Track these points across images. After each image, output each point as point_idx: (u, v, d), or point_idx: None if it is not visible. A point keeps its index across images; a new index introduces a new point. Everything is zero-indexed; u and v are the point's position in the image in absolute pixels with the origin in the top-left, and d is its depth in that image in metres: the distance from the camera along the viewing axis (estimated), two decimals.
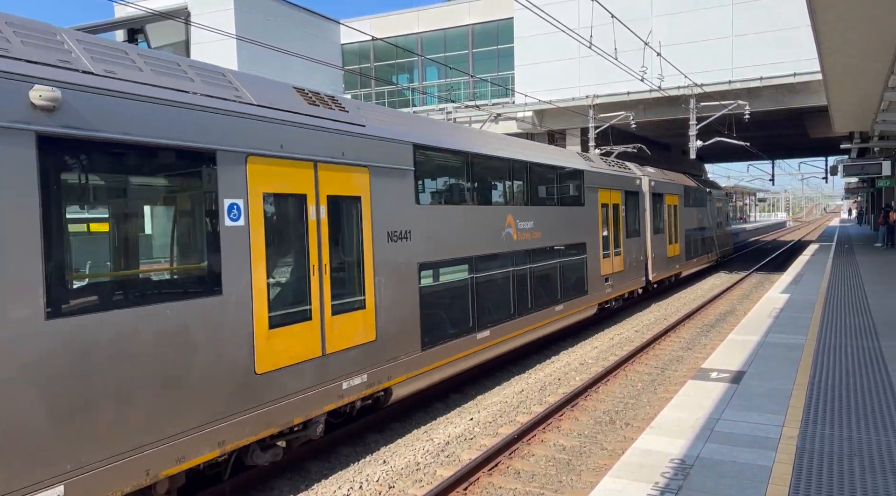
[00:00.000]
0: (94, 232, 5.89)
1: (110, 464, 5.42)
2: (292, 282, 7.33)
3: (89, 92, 5.36)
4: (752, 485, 4.75)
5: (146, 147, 5.80)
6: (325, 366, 7.65)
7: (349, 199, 8.18)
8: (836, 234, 44.17)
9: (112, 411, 5.44)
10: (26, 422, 4.92)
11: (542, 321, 13.25)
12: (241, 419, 6.57)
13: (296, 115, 7.45)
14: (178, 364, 5.99)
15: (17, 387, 4.87)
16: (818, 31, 11.49)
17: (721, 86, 26.11)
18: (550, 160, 14.20)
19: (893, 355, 8.52)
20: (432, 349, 9.68)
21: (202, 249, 6.33)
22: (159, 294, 5.94)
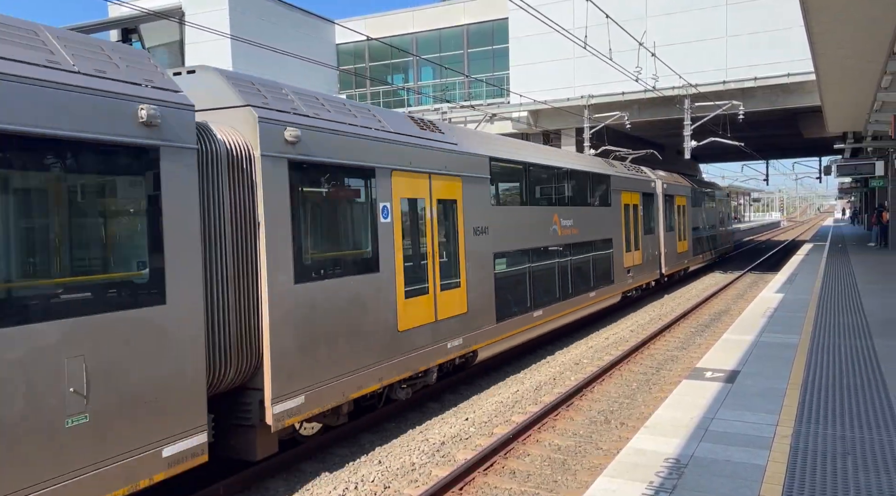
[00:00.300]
0: (314, 226, 7.95)
1: (324, 386, 7.75)
2: (417, 265, 9.66)
3: (310, 130, 7.71)
4: (747, 485, 4.77)
5: (339, 166, 8.16)
6: (437, 330, 10.01)
7: (449, 202, 10.55)
8: (830, 233, 44.35)
9: (326, 348, 7.79)
10: (285, 351, 7.19)
11: (580, 305, 15.50)
12: (391, 363, 8.91)
13: (415, 138, 9.79)
14: (357, 319, 8.31)
15: (280, 327, 7.16)
16: (811, 32, 11.53)
17: (715, 86, 26.19)
18: (585, 167, 16.59)
19: (887, 354, 8.56)
20: (503, 322, 11.94)
21: (368, 240, 8.66)
22: (346, 270, 8.27)
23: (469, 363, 11.32)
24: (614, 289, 17.90)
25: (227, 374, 6.82)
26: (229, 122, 7.17)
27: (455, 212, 10.63)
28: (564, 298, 14.61)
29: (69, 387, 5.09)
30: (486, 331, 11.29)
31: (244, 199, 6.98)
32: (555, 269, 14.20)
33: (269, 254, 7.07)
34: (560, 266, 14.49)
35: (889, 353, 8.60)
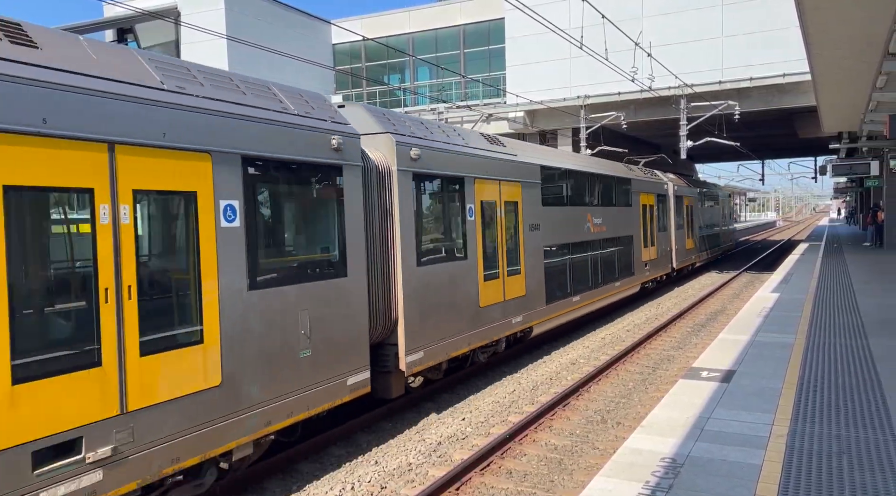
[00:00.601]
0: (427, 223, 10.23)
1: (434, 345, 10.02)
2: (491, 254, 11.82)
3: (424, 149, 9.99)
4: (743, 484, 4.78)
5: (443, 176, 10.51)
6: (506, 308, 12.23)
7: (512, 203, 12.67)
8: (826, 233, 44.48)
9: (435, 317, 10.06)
10: (411, 317, 9.51)
11: (607, 293, 17.66)
12: (475, 332, 11.18)
13: (488, 151, 12.09)
14: (454, 296, 10.57)
15: (409, 298, 9.41)
16: (807, 32, 11.57)
17: (711, 86, 26.24)
18: (612, 172, 18.80)
19: (882, 354, 8.59)
20: (551, 305, 14.11)
21: (460, 233, 11.00)
22: (447, 257, 10.56)
23: (526, 337, 13.61)
24: (635, 280, 20.06)
25: (377, 331, 9.15)
26: (373, 144, 9.42)
27: (516, 211, 12.87)
28: (595, 287, 16.78)
29: (301, 330, 7.43)
30: (539, 311, 13.60)
31: (385, 202, 9.26)
32: (588, 261, 16.37)
33: (402, 243, 9.40)
34: (592, 258, 16.64)
35: (884, 353, 8.63)
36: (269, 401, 6.95)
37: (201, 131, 6.32)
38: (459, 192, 10.97)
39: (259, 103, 7.11)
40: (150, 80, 6.11)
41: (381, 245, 9.16)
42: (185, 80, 6.49)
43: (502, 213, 12.27)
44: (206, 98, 6.52)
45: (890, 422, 5.99)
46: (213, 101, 6.56)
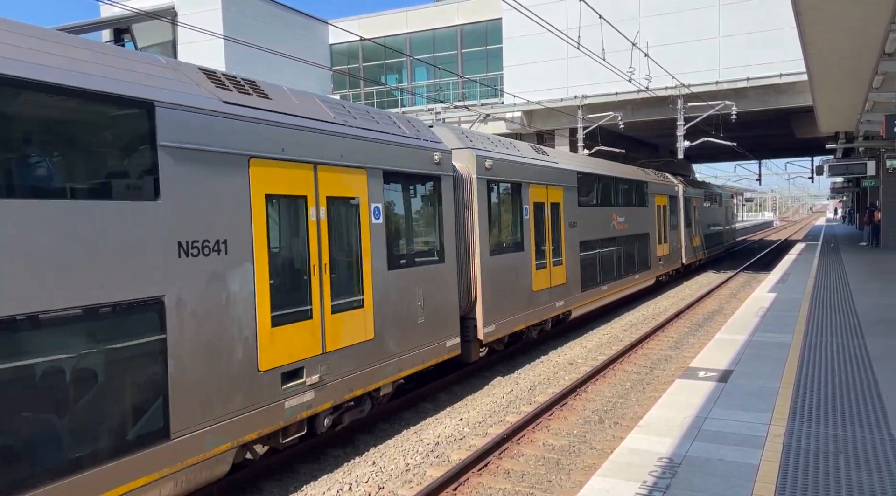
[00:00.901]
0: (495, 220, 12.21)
1: (502, 321, 12.09)
2: (540, 247, 13.97)
3: (495, 160, 12.02)
4: (740, 484, 4.78)
5: (507, 182, 12.58)
6: (551, 293, 14.37)
7: (555, 204, 14.72)
8: (822, 233, 44.56)
9: (502, 298, 12.09)
10: (486, 297, 11.52)
11: (628, 284, 19.73)
12: (529, 312, 13.29)
13: (537, 160, 14.21)
14: (513, 281, 12.60)
15: (484, 281, 11.50)
16: (804, 32, 11.60)
17: (708, 86, 26.28)
18: (632, 176, 20.86)
19: (878, 353, 8.61)
20: (585, 292, 16.17)
21: (518, 229, 13.02)
22: (509, 249, 12.58)
23: (565, 319, 15.62)
24: (651, 273, 22.17)
25: (462, 306, 11.21)
26: (457, 157, 11.41)
27: (559, 211, 14.88)
28: (619, 278, 18.81)
29: (418, 302, 9.65)
30: (575, 297, 15.69)
31: (467, 204, 11.30)
32: (613, 255, 18.40)
33: (479, 237, 11.49)
34: (616, 253, 18.68)
35: (881, 352, 8.64)
36: (401, 354, 9.25)
37: (359, 153, 8.48)
38: (518, 196, 13.10)
39: (388, 129, 9.31)
40: (327, 117, 8.20)
41: (464, 238, 11.28)
42: (344, 115, 8.58)
43: (549, 212, 14.41)
44: (359, 128, 8.64)
45: (886, 421, 6.00)
46: (364, 130, 8.71)
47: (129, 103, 5.64)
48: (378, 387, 8.79)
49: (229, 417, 6.45)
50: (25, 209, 4.82)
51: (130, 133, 5.76)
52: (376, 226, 8.80)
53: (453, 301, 10.58)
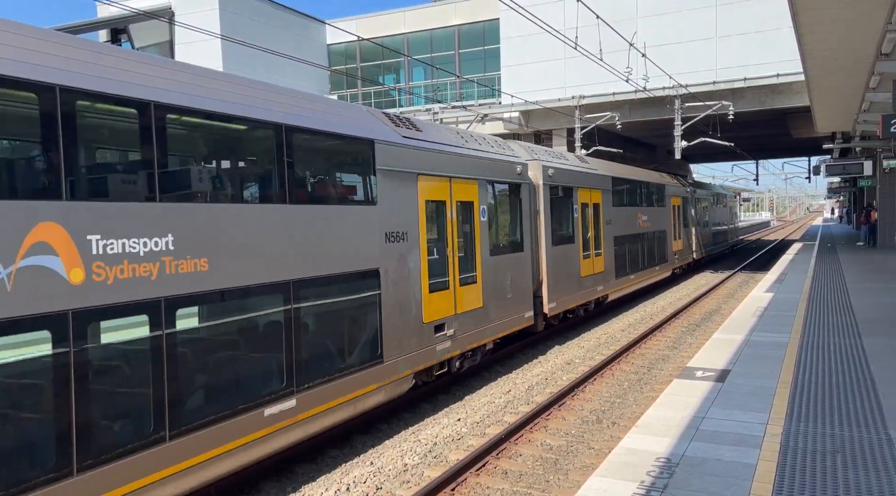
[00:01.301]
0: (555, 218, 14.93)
1: (559, 299, 14.82)
2: (586, 240, 16.83)
3: (555, 170, 14.78)
4: (737, 483, 4.79)
5: (563, 187, 15.37)
6: (594, 279, 17.24)
7: (597, 204, 17.63)
8: (819, 233, 44.62)
9: (560, 280, 14.92)
10: (549, 279, 14.41)
11: (650, 275, 22.56)
12: (578, 293, 16.18)
13: (583, 167, 17.16)
14: (567, 268, 15.44)
15: (549, 267, 14.41)
16: (800, 33, 11.61)
17: (705, 86, 26.29)
18: (653, 179, 24.14)
19: (875, 353, 8.62)
20: (618, 279, 19.02)
21: (570, 225, 15.71)
22: (564, 241, 15.27)
23: (603, 302, 18.55)
24: (668, 266, 25.37)
25: (533, 286, 13.90)
26: (528, 167, 14.08)
27: (599, 210, 17.78)
28: (643, 269, 21.67)
29: (507, 282, 12.47)
30: (611, 283, 18.60)
31: (535, 205, 14.24)
32: (638, 249, 21.20)
33: (544, 231, 14.39)
34: (641, 247, 21.49)
35: (877, 352, 8.66)
36: (497, 320, 12.17)
37: (474, 168, 11.57)
38: (570, 198, 15.93)
39: (486, 148, 12.43)
40: (457, 141, 11.44)
41: (532, 232, 14.12)
42: (464, 139, 11.86)
43: (592, 211, 17.27)
44: (471, 148, 11.76)
45: (883, 421, 6.02)
46: (474, 151, 11.78)
47: (364, 142, 8.73)
48: (485, 343, 11.92)
49: (410, 352, 9.51)
50: (320, 211, 7.94)
51: (362, 160, 8.79)
52: (483, 222, 11.84)
53: (529, 282, 13.61)
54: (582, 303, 16.52)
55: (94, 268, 5.40)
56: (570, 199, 15.93)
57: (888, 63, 12.92)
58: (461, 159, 11.14)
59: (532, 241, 13.95)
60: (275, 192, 7.36)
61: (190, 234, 6.22)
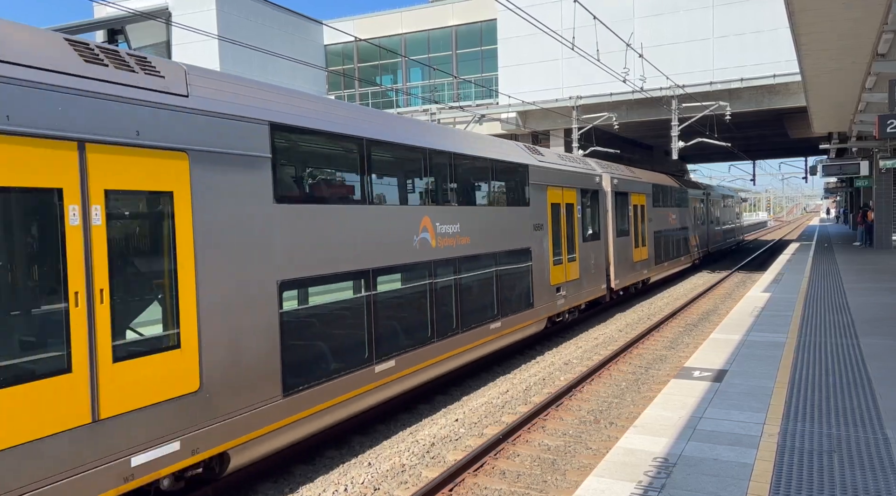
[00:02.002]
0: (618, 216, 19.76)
1: (621, 278, 19.61)
2: (635, 234, 21.11)
3: (618, 179, 19.75)
4: (734, 483, 4.79)
5: (622, 192, 20.16)
6: (641, 264, 21.78)
7: (643, 206, 22.17)
8: (816, 233, 44.71)
9: (620, 263, 19.61)
10: (614, 263, 19.20)
11: (677, 264, 27.29)
12: (631, 275, 20.74)
13: (635, 178, 21.99)
14: (626, 255, 20.20)
15: (615, 254, 19.26)
16: (797, 33, 11.64)
17: (702, 87, 26.33)
18: (680, 186, 29.29)
19: (872, 352, 8.64)
20: (655, 266, 23.24)
21: (626, 222, 20.27)
22: (623, 234, 19.98)
23: (646, 282, 23.00)
24: (689, 257, 30.02)
25: (602, 268, 17.89)
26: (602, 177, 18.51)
27: (644, 210, 22.13)
28: (673, 258, 26.59)
29: (591, 261, 17.23)
30: (653, 268, 23.07)
31: (604, 207, 18.14)
32: (669, 242, 25.95)
33: (611, 226, 18.72)
34: (671, 240, 26.25)
35: (874, 351, 8.68)
36: (586, 288, 16.67)
37: (574, 180, 16.11)
38: (626, 200, 20.28)
39: (576, 164, 16.89)
40: (561, 161, 16.02)
41: (604, 226, 18.33)
42: (564, 159, 16.17)
43: (640, 211, 21.76)
44: (572, 166, 16.31)
45: (880, 420, 6.03)
46: (573, 168, 16.36)
47: (524, 166, 13.54)
48: (580, 304, 16.41)
49: (545, 303, 14.26)
50: (510, 210, 12.95)
51: (524, 178, 13.59)
52: (579, 218, 16.33)
53: (603, 263, 18.05)
54: (633, 282, 20.99)
55: (439, 240, 10.42)
56: (626, 202, 20.29)
57: (884, 63, 12.95)
58: (567, 174, 15.82)
59: (604, 233, 18.36)
60: (495, 199, 12.57)
61: (467, 224, 11.27)
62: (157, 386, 5.77)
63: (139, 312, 5.88)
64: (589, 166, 17.80)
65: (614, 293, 19.38)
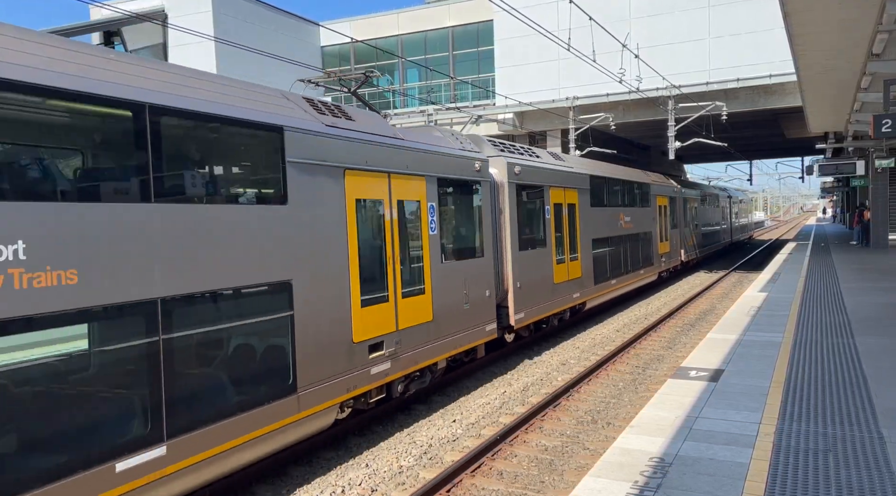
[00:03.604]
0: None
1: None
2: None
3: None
4: (730, 482, 4.81)
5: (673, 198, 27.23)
6: (668, 254, 25.94)
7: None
8: (813, 232, 44.81)
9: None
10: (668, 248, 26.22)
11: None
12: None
13: (660, 183, 25.95)
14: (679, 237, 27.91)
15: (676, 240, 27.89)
16: (792, 34, 11.67)
17: (699, 87, 26.39)
18: (717, 192, 38.46)
19: (867, 352, 8.67)
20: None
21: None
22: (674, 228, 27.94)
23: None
24: (720, 244, 39.26)
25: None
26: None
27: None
28: (709, 245, 33.00)
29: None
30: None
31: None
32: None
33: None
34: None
35: (870, 351, 8.71)
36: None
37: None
38: (539, 198, 16.05)
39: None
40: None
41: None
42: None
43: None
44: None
45: (875, 419, 6.05)
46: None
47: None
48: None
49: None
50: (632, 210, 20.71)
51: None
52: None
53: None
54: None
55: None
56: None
57: (879, 63, 12.99)
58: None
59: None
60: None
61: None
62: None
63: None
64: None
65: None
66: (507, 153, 13.62)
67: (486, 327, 11.75)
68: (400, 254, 9.31)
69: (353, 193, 8.36)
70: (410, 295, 9.55)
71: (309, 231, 7.55)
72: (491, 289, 11.99)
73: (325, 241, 7.81)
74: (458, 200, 11.29)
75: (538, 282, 14.21)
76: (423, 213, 9.93)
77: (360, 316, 8.38)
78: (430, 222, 10.16)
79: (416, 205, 9.80)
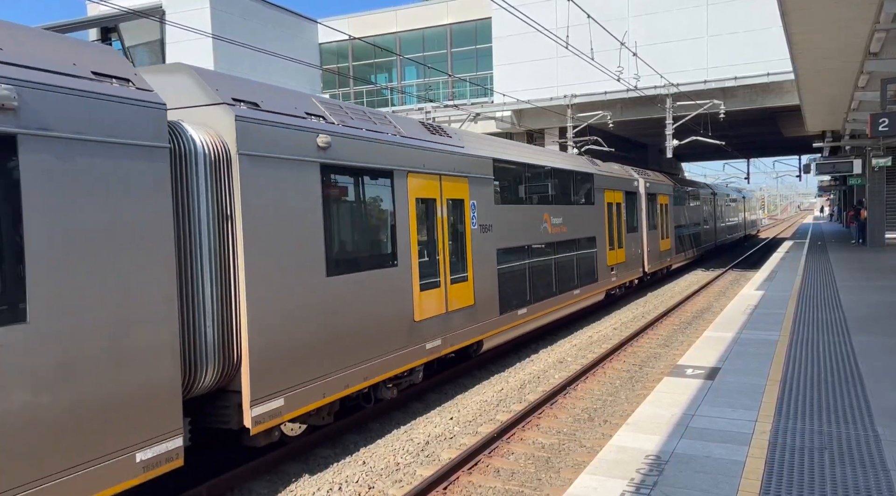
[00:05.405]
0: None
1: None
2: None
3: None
4: (726, 480, 4.83)
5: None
6: (666, 253, 25.77)
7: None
8: (810, 231, 44.89)
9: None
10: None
11: (692, 255, 30.80)
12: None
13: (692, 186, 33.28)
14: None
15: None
16: (790, 32, 11.68)
17: (696, 85, 26.40)
18: (734, 193, 46.31)
19: (863, 350, 8.70)
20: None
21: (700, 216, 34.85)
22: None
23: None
24: (740, 234, 47.35)
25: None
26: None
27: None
28: (689, 249, 30.42)
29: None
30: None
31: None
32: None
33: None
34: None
35: (866, 349, 8.74)
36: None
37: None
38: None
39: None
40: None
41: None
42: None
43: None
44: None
45: (871, 417, 6.07)
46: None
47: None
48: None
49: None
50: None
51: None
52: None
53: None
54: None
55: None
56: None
57: (877, 62, 13.01)
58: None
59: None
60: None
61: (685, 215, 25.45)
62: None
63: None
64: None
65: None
66: (643, 175, 23.90)
67: (639, 270, 21.13)
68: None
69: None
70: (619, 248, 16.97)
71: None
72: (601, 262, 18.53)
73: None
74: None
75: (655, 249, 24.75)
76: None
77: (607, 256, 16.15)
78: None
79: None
